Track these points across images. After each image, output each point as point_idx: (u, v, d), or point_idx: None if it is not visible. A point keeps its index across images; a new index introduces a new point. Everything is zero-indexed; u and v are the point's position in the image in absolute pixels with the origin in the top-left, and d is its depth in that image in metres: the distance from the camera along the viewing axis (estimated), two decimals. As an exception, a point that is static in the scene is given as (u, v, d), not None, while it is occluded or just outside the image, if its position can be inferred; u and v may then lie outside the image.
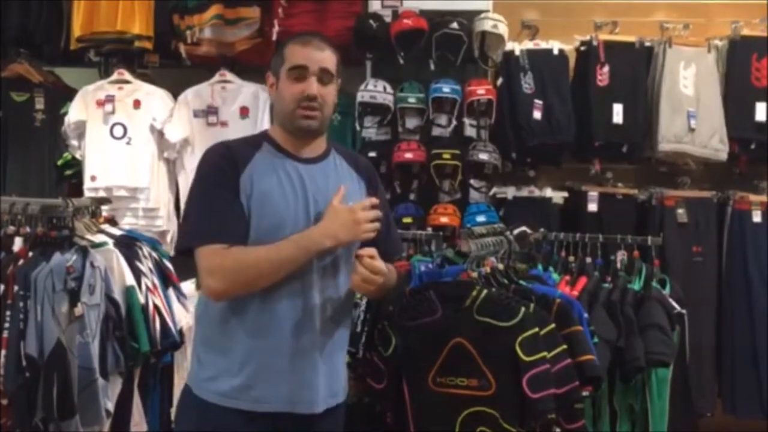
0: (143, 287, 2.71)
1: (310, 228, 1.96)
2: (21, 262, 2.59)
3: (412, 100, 3.99)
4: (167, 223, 4.07)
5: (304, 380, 1.99)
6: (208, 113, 4.10)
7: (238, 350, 1.98)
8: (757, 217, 4.08)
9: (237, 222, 1.95)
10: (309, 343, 2.00)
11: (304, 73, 2.02)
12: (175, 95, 4.15)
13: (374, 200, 2.04)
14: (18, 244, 2.66)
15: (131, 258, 2.74)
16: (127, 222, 3.90)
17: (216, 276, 1.93)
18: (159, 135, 4.07)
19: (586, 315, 2.49)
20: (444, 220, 3.88)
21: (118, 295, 2.61)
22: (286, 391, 1.98)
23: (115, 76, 4.09)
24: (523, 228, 2.96)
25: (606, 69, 4.12)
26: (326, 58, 2.05)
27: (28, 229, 2.68)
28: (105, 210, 3.14)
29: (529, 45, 4.17)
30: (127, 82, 4.09)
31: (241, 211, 1.96)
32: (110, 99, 4.03)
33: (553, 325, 2.26)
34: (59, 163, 4.16)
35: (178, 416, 2.14)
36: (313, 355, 2.00)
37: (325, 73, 2.04)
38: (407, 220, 3.82)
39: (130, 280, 2.68)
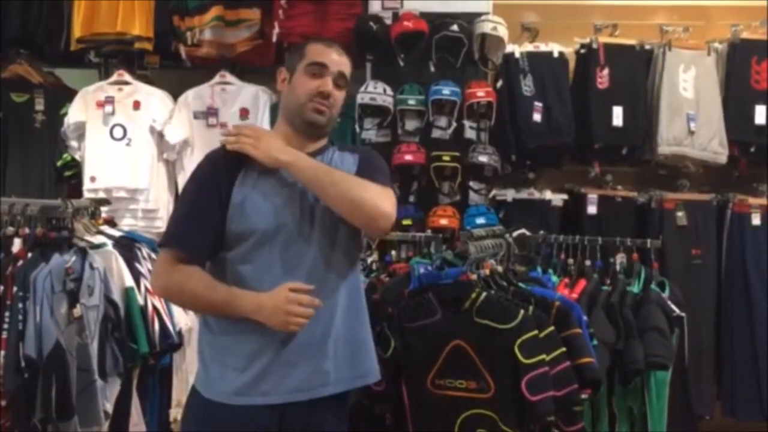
0: (142, 288, 2.71)
1: (251, 293, 1.95)
2: (20, 263, 2.59)
3: (411, 102, 3.99)
4: (166, 225, 4.07)
5: (313, 369, 2.00)
6: (208, 115, 4.10)
7: (246, 347, 1.99)
8: (756, 219, 4.08)
9: (204, 233, 2.00)
10: (318, 333, 2.00)
11: (323, 71, 2.07)
12: (175, 96, 4.15)
13: (314, 301, 1.94)
14: (17, 245, 2.66)
15: (130, 259, 2.75)
16: (127, 223, 3.90)
17: (158, 283, 2.10)
18: (159, 136, 4.07)
19: (585, 317, 2.49)
20: (443, 222, 3.87)
21: (117, 297, 2.61)
22: (296, 381, 1.99)
23: (115, 77, 4.09)
24: (523, 230, 2.96)
25: (606, 71, 4.12)
26: (344, 62, 2.11)
27: (27, 230, 2.68)
28: (104, 211, 3.14)
29: (529, 47, 4.18)
30: (127, 83, 4.09)
31: (214, 223, 1.99)
32: (110, 100, 4.03)
33: (552, 328, 2.26)
34: (59, 164, 4.15)
35: (184, 418, 2.14)
36: (322, 344, 2.01)
37: (341, 77, 2.10)
38: (407, 221, 3.82)
39: (129, 281, 2.68)
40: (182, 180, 4.08)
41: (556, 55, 4.15)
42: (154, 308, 2.71)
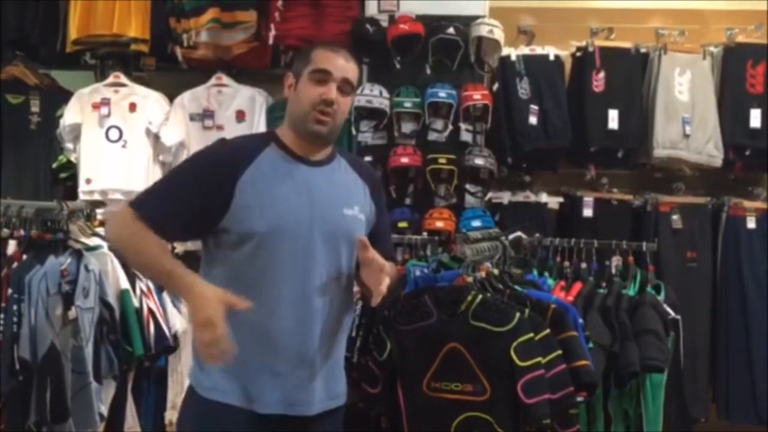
0: (138, 291, 2.71)
1: (191, 283, 1.88)
2: (15, 265, 2.59)
3: (408, 104, 3.99)
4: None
5: (301, 383, 2.00)
6: (204, 117, 4.09)
7: (242, 349, 1.96)
8: (751, 223, 4.08)
9: (175, 219, 1.95)
10: (308, 346, 2.00)
11: (327, 77, 2.04)
12: (171, 98, 4.14)
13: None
14: (12, 246, 2.66)
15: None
16: (122, 225, 3.89)
17: (112, 233, 2.10)
18: (155, 138, 4.06)
19: (581, 320, 2.49)
20: (439, 224, 3.87)
21: (112, 299, 2.61)
22: (284, 393, 1.98)
23: (111, 79, 4.09)
24: (519, 233, 2.96)
25: (602, 75, 4.13)
26: (350, 68, 2.08)
27: (22, 232, 2.68)
28: (100, 213, 3.14)
29: (525, 50, 4.18)
30: (123, 85, 4.08)
31: (188, 215, 1.95)
32: (106, 102, 4.02)
33: (548, 331, 2.26)
34: (54, 165, 4.14)
35: (181, 415, 2.14)
36: (311, 358, 2.01)
37: (346, 84, 2.07)
38: (403, 224, 3.82)
39: (124, 283, 2.68)
40: (178, 182, 4.07)
41: (552, 58, 4.16)
42: (150, 310, 2.72)
